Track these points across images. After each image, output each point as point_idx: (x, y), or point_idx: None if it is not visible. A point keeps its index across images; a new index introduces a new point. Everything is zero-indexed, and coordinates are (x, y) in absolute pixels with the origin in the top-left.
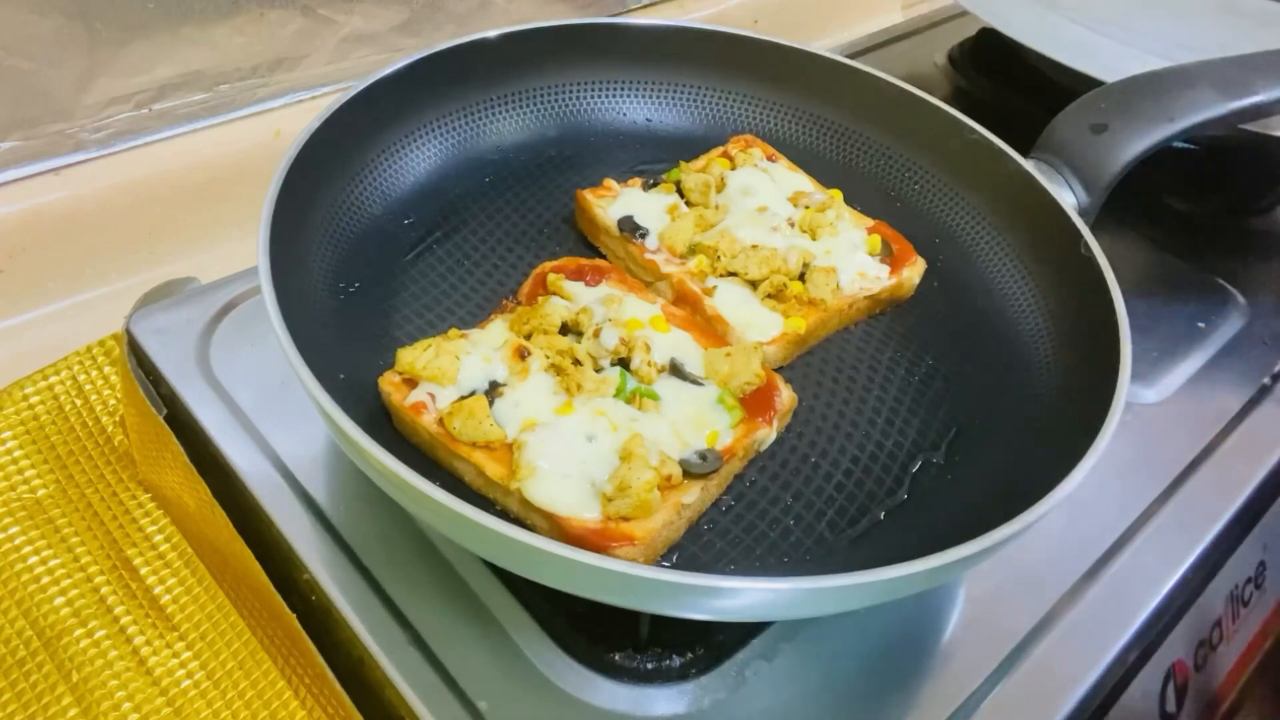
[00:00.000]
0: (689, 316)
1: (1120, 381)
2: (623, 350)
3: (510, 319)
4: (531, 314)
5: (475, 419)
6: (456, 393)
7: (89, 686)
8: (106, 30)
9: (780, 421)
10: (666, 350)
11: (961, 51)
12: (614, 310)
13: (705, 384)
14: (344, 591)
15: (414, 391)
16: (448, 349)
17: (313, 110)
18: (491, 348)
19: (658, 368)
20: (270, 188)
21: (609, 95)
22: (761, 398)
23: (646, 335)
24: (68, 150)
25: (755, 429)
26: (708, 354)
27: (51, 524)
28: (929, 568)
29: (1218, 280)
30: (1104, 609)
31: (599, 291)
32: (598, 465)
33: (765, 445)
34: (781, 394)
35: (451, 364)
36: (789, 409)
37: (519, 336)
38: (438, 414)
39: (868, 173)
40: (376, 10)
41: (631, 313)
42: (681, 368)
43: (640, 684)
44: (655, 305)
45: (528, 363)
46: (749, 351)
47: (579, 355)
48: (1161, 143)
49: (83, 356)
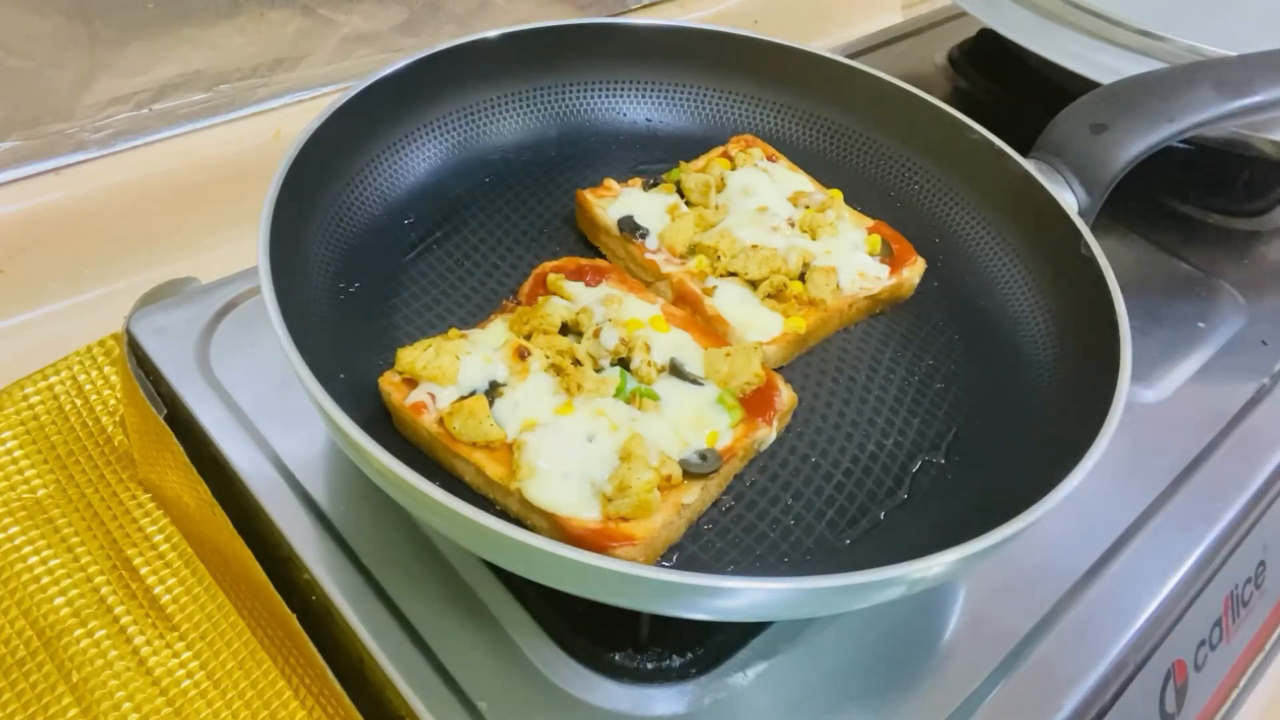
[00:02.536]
0: (689, 316)
1: (1120, 381)
2: (623, 350)
3: (510, 319)
4: (531, 314)
5: (475, 419)
6: (456, 393)
7: (89, 686)
8: (106, 30)
9: (780, 421)
10: (666, 350)
11: (961, 51)
12: (614, 310)
13: (705, 384)
14: (344, 591)
15: (414, 391)
16: (448, 349)
17: (313, 110)
18: (491, 348)
19: (658, 368)
20: (270, 188)
21: (609, 95)
22: (761, 398)
23: (647, 335)
24: (68, 150)
25: (755, 429)
26: (707, 354)
27: (51, 524)
28: (929, 568)
29: (1218, 280)
30: (1104, 609)
31: (599, 291)
32: (598, 465)
33: (765, 445)
34: (781, 394)
35: (451, 364)
36: (789, 409)
37: (519, 337)
38: (438, 414)
39: (868, 173)
40: (376, 10)
41: (631, 313)
42: (681, 368)
43: (640, 684)
44: (655, 305)
45: (528, 363)
46: (749, 351)
47: (579, 355)
48: (1161, 143)
49: (83, 356)
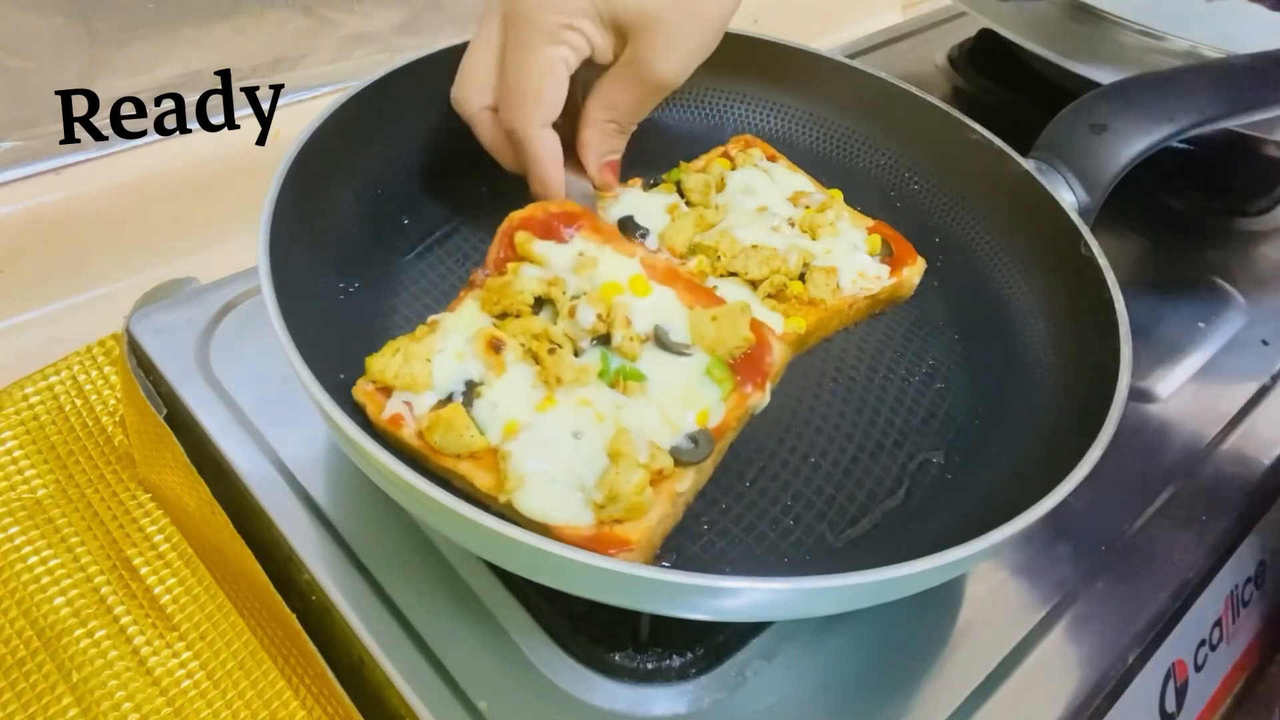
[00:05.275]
0: (671, 269)
1: (1120, 382)
2: (601, 327)
3: (481, 297)
4: (502, 291)
5: (455, 431)
6: (434, 396)
7: (89, 686)
8: (106, 30)
9: (774, 380)
10: (649, 317)
11: (961, 51)
12: (588, 277)
13: (692, 352)
14: (344, 591)
15: (390, 401)
16: (416, 352)
17: (313, 110)
18: (464, 339)
19: (640, 339)
20: (270, 188)
21: None
22: (753, 359)
23: (626, 304)
24: (68, 150)
25: (747, 398)
26: (692, 316)
27: (51, 524)
28: (929, 568)
29: (1218, 280)
30: (1104, 609)
31: (572, 249)
32: (587, 466)
33: (760, 408)
34: (774, 351)
35: (423, 369)
36: (782, 365)
37: (492, 316)
38: (416, 426)
39: (868, 173)
40: (376, 10)
41: (608, 274)
42: (666, 337)
43: (640, 684)
44: (634, 260)
45: (502, 355)
46: (735, 314)
47: (555, 338)
48: (1161, 142)
49: (83, 356)
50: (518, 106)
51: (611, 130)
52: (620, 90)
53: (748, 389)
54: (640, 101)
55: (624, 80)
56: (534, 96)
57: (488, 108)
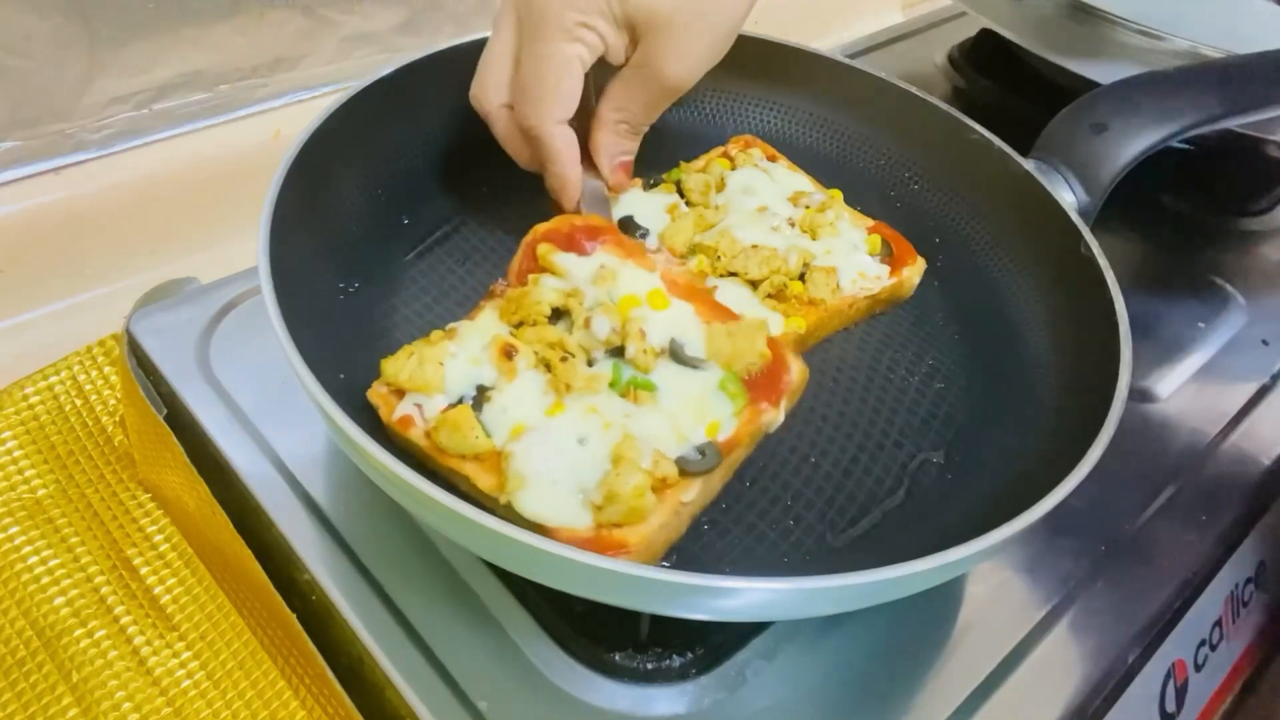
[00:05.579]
0: (692, 285)
1: (1120, 382)
2: (616, 339)
3: (500, 306)
4: (521, 300)
5: (461, 432)
6: (445, 400)
7: (89, 686)
8: (106, 30)
9: (790, 399)
10: (665, 330)
11: (961, 51)
12: (607, 289)
13: (707, 367)
14: (344, 591)
15: (401, 404)
16: (430, 355)
17: (313, 110)
18: (479, 345)
19: (655, 352)
20: (270, 188)
21: None
22: (769, 377)
23: (643, 317)
24: (68, 150)
25: (760, 414)
26: (709, 331)
27: (51, 524)
28: (929, 568)
29: (1218, 280)
30: (1104, 609)
31: (593, 262)
32: (590, 470)
33: (774, 427)
34: (791, 371)
35: (436, 372)
36: (800, 385)
37: (509, 325)
38: (425, 427)
39: (868, 173)
40: (376, 10)
41: (627, 287)
42: (681, 350)
43: (640, 684)
44: (654, 274)
45: (515, 362)
46: (753, 329)
47: (570, 347)
48: (1161, 142)
49: (83, 356)
50: (534, 103)
51: (624, 131)
52: (632, 92)
53: (762, 406)
54: (651, 103)
55: (635, 82)
56: (550, 93)
57: (504, 105)
